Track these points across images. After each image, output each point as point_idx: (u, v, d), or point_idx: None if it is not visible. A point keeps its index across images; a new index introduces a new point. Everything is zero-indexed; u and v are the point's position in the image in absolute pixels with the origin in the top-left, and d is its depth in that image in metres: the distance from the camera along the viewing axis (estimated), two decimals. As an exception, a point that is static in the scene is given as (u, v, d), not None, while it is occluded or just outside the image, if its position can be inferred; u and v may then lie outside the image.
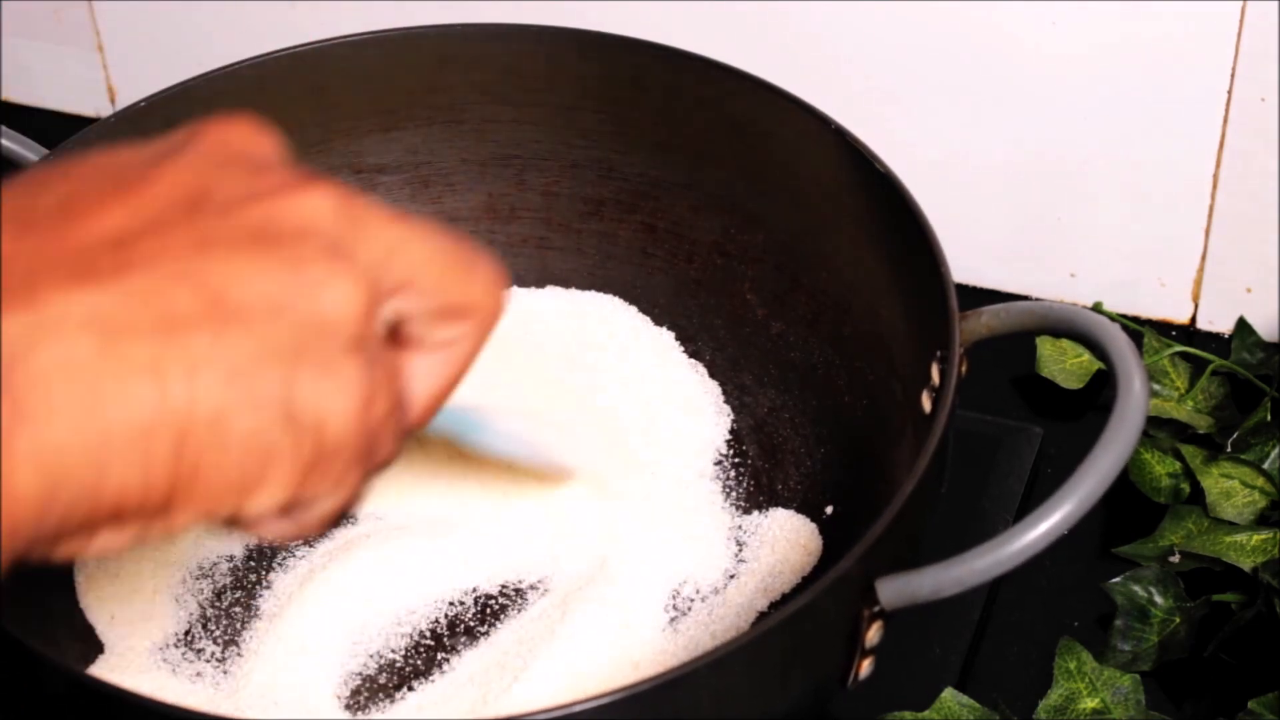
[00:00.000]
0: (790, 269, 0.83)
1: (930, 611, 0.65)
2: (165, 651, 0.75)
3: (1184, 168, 0.88)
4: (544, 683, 0.71)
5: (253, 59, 0.83)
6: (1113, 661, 0.77)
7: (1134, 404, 0.63)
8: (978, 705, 0.74)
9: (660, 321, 0.86)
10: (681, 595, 0.76)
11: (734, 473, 0.81)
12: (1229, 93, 0.85)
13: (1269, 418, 0.82)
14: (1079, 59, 0.87)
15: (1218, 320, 0.92)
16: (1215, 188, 0.88)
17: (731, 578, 0.76)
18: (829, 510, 0.78)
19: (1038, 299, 0.94)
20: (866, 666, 0.65)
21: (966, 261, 0.93)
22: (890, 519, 0.63)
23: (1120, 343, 0.65)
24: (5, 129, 0.80)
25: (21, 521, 0.40)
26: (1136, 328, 0.90)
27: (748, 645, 0.60)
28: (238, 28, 1.00)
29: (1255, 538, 0.78)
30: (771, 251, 0.83)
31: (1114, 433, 0.62)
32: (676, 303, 0.86)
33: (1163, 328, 0.93)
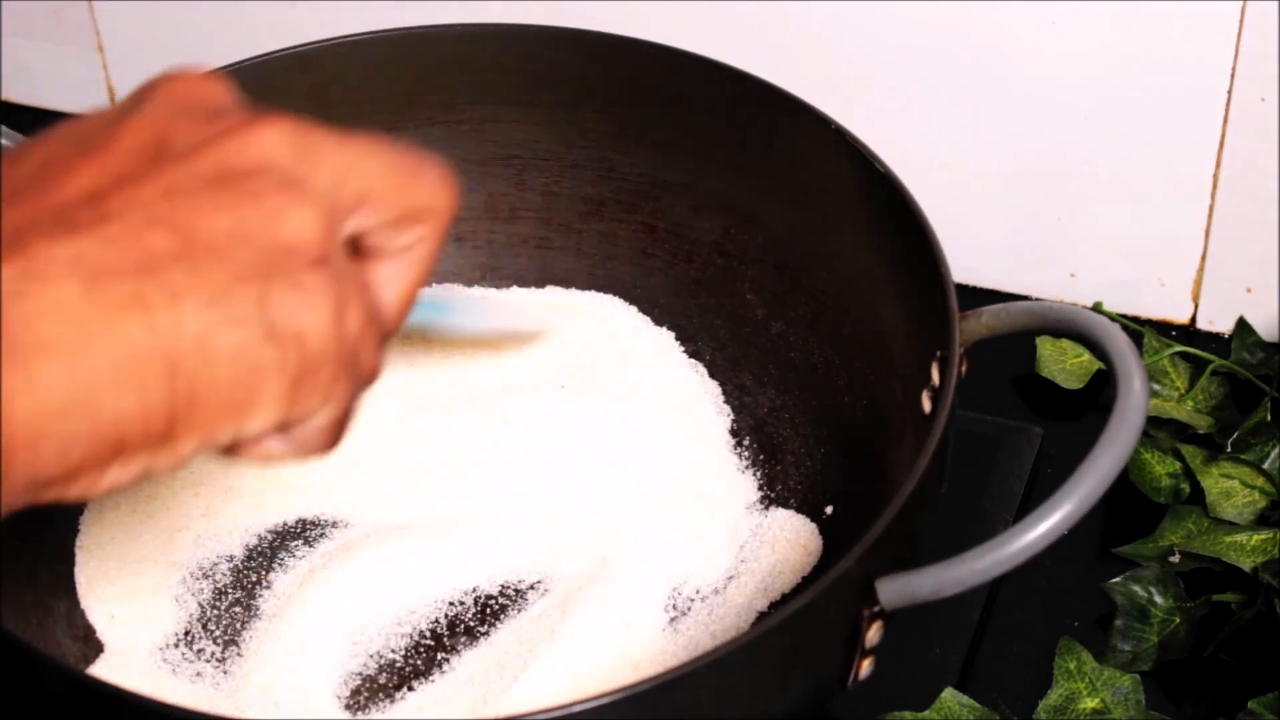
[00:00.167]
0: (790, 269, 0.83)
1: (930, 611, 0.65)
2: (165, 651, 0.75)
3: (1184, 168, 0.88)
4: (544, 683, 0.71)
5: (253, 59, 0.83)
6: (1113, 661, 0.77)
7: (1134, 404, 0.63)
8: (978, 705, 0.74)
9: (660, 321, 0.86)
10: (681, 595, 0.76)
11: (734, 473, 0.81)
12: (1229, 93, 0.85)
13: (1269, 418, 0.82)
14: (1079, 59, 0.87)
15: (1218, 320, 0.92)
16: (1215, 188, 0.88)
17: (731, 578, 0.76)
18: (829, 510, 0.78)
19: (1038, 299, 0.94)
20: (866, 666, 0.65)
21: (966, 261, 0.93)
22: (890, 519, 0.63)
23: (1120, 343, 0.65)
24: (5, 129, 0.80)
25: (19, 457, 0.43)
26: (1136, 328, 0.90)
27: (748, 645, 0.60)
28: (238, 28, 1.00)
29: (1255, 538, 0.78)
30: (771, 251, 0.83)
31: (1114, 433, 0.62)
32: (676, 303, 0.86)
33: (1163, 328, 0.93)
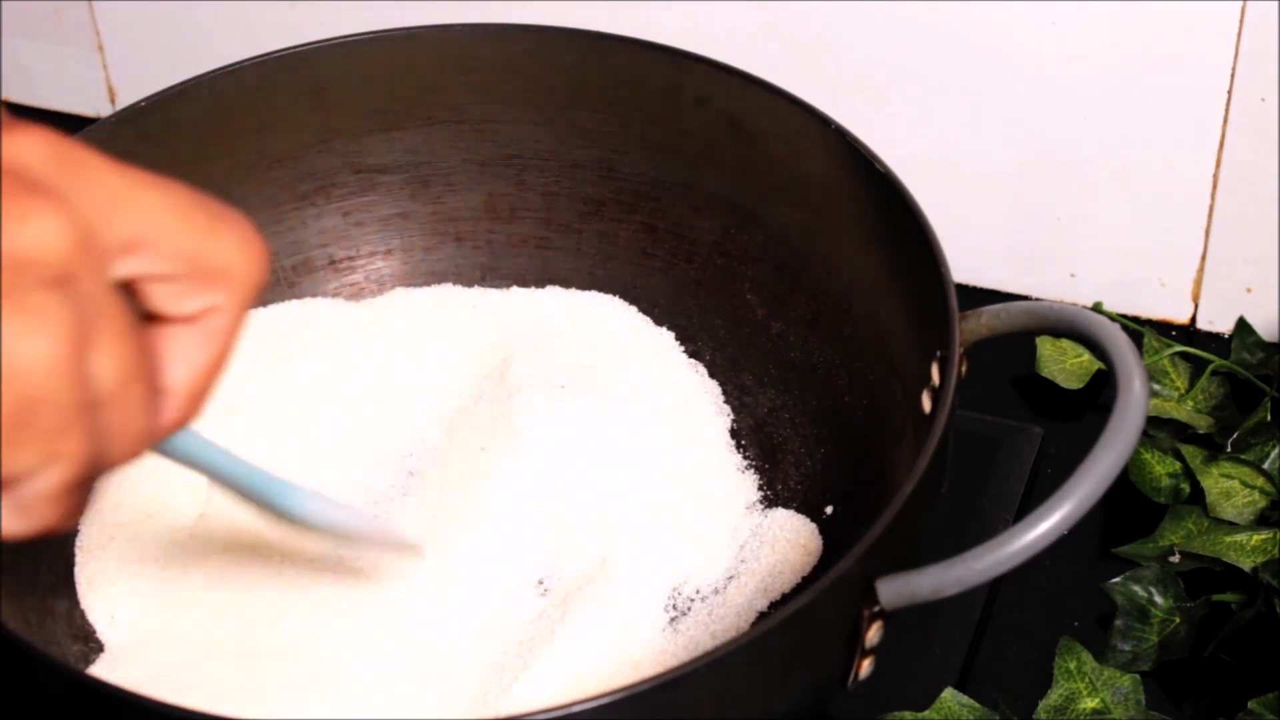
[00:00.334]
0: (790, 269, 0.82)
1: (930, 611, 0.65)
2: (165, 651, 0.75)
3: (1184, 168, 0.88)
4: (544, 683, 0.71)
5: (253, 59, 0.83)
6: (1113, 661, 0.77)
7: (1134, 404, 0.63)
8: (978, 705, 0.74)
9: (660, 321, 0.86)
10: (681, 595, 0.76)
11: (734, 473, 0.81)
12: (1229, 93, 0.85)
13: (1269, 418, 0.82)
14: (1079, 59, 0.87)
15: (1218, 320, 0.92)
16: (1215, 188, 0.88)
17: (731, 578, 0.76)
18: (829, 510, 0.78)
19: (1038, 299, 0.94)
20: (866, 666, 0.65)
21: (966, 261, 0.93)
22: (890, 519, 0.63)
23: (1120, 343, 0.65)
24: (5, 129, 0.80)
25: None
26: (1136, 328, 0.90)
27: (748, 645, 0.60)
28: (238, 28, 1.00)
29: (1255, 538, 0.78)
30: (771, 251, 0.83)
31: (1114, 433, 0.62)
32: (676, 303, 0.86)
33: (1163, 328, 0.93)
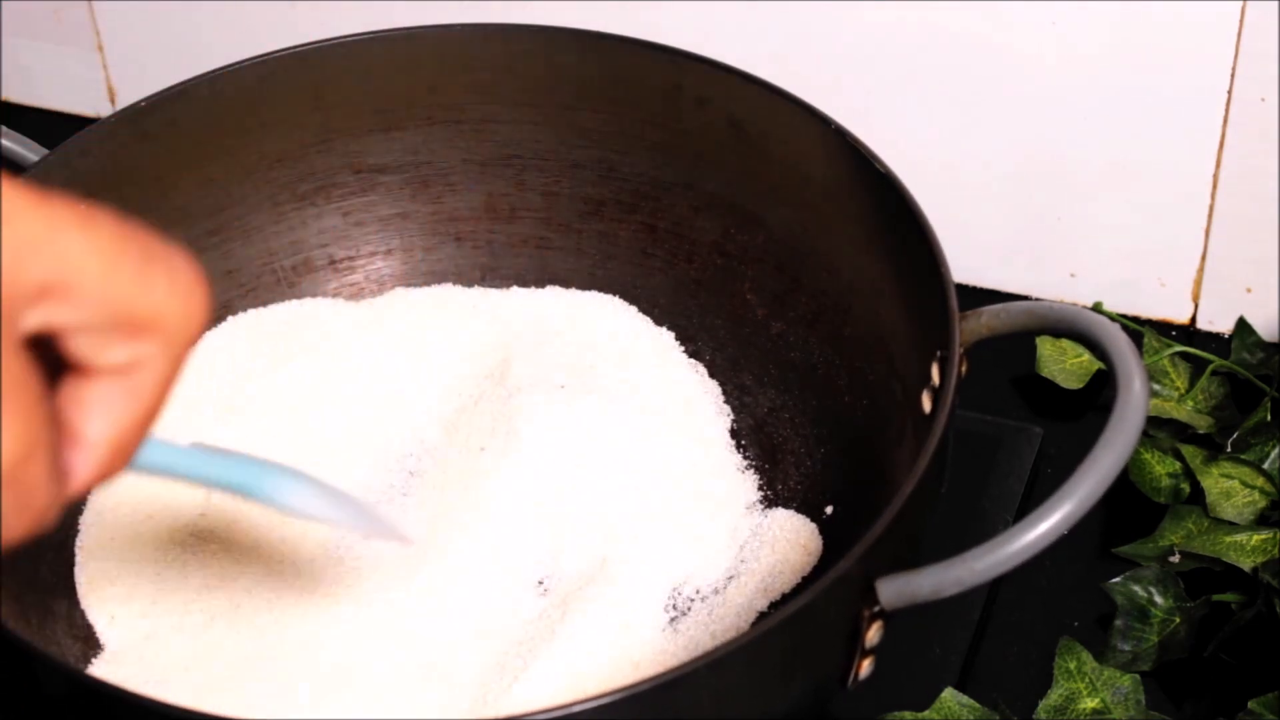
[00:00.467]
0: (790, 269, 0.82)
1: (930, 611, 0.65)
2: (165, 651, 0.75)
3: (1184, 168, 0.88)
4: (544, 683, 0.71)
5: (253, 59, 0.83)
6: (1113, 661, 0.77)
7: (1134, 404, 0.63)
8: (978, 705, 0.74)
9: (660, 321, 0.86)
10: (681, 595, 0.76)
11: (734, 473, 0.81)
12: (1229, 93, 0.85)
13: (1269, 418, 0.82)
14: (1079, 59, 0.87)
15: (1218, 320, 0.92)
16: (1215, 188, 0.88)
17: (731, 578, 0.76)
18: (829, 510, 0.78)
19: (1038, 299, 0.94)
20: (866, 666, 0.65)
21: (966, 261, 0.93)
22: (890, 519, 0.63)
23: (1120, 343, 0.65)
24: (5, 129, 0.80)
25: None
26: (1136, 328, 0.90)
27: (748, 645, 0.60)
28: (238, 28, 1.00)
29: (1255, 538, 0.78)
30: (771, 251, 0.83)
31: (1114, 433, 0.62)
32: (676, 303, 0.86)
33: (1163, 328, 0.93)
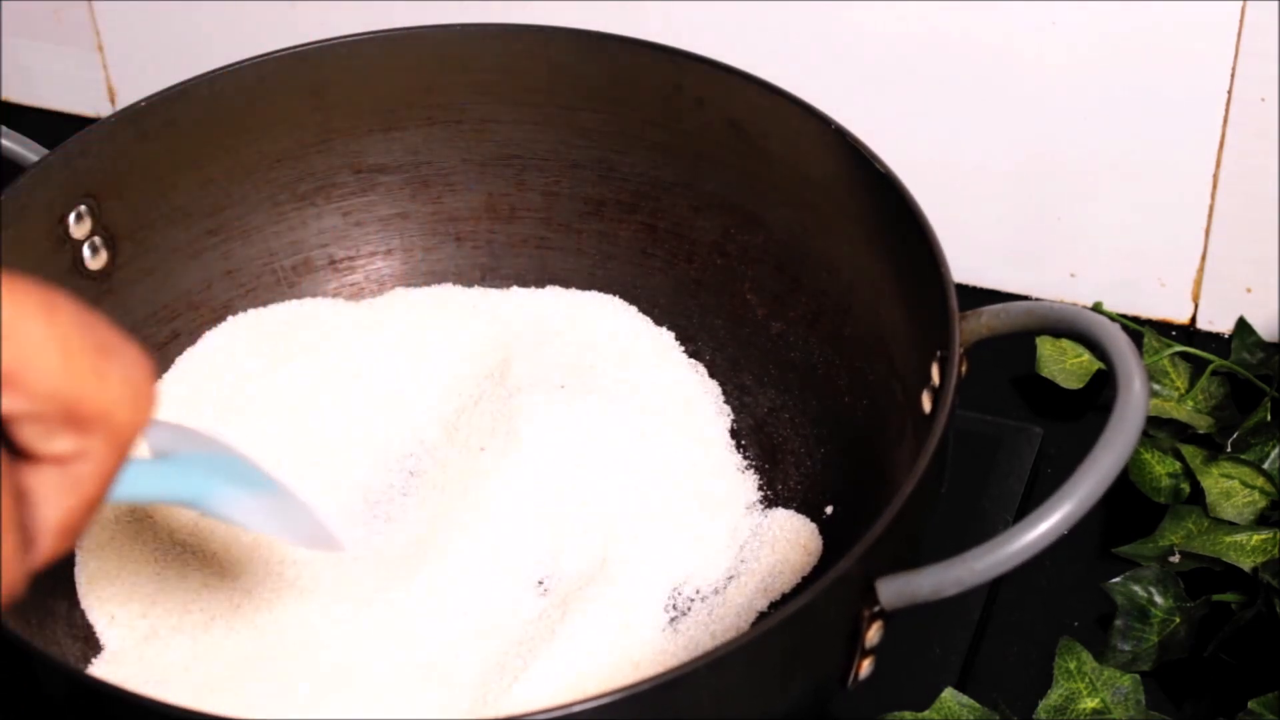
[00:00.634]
0: (790, 269, 0.82)
1: (930, 611, 0.65)
2: (165, 652, 0.75)
3: (1184, 168, 0.88)
4: (544, 683, 0.71)
5: (253, 59, 0.83)
6: (1113, 661, 0.77)
7: (1134, 404, 0.63)
8: (978, 705, 0.74)
9: (660, 321, 0.86)
10: (681, 595, 0.76)
11: (734, 473, 0.81)
12: (1229, 93, 0.85)
13: (1269, 418, 0.82)
14: (1079, 59, 0.87)
15: (1218, 320, 0.92)
16: (1215, 188, 0.88)
17: (731, 578, 0.76)
18: (829, 510, 0.78)
19: (1038, 299, 0.94)
20: (866, 666, 0.65)
21: (966, 261, 0.93)
22: (890, 519, 0.63)
23: (1120, 343, 0.65)
24: (5, 129, 0.80)
25: None
26: (1136, 328, 0.90)
27: (748, 645, 0.60)
28: (238, 28, 1.00)
29: (1255, 538, 0.78)
30: (771, 251, 0.83)
31: (1114, 433, 0.62)
32: (676, 303, 0.86)
33: (1163, 328, 0.93)
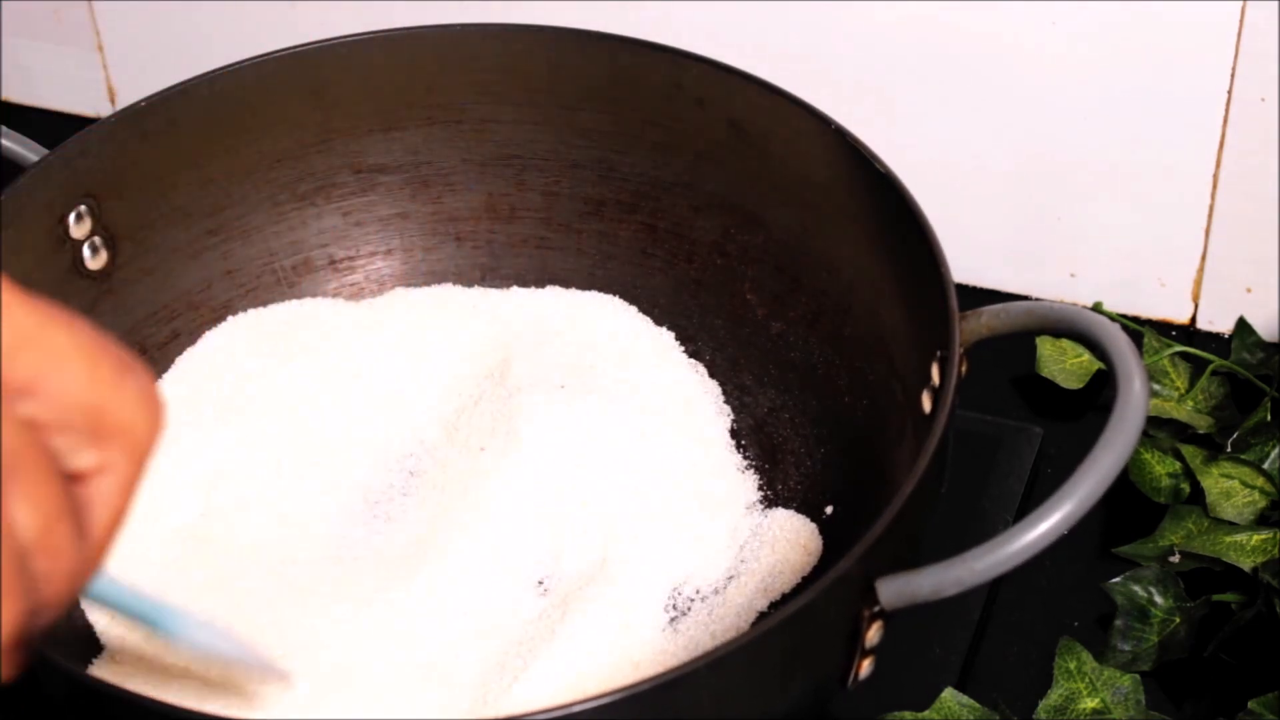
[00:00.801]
0: (790, 269, 0.82)
1: (930, 611, 0.65)
2: (165, 651, 0.75)
3: (1184, 168, 0.88)
4: (544, 683, 0.71)
5: (253, 59, 0.83)
6: (1113, 661, 0.77)
7: (1134, 404, 0.63)
8: (978, 705, 0.74)
9: (660, 321, 0.86)
10: (681, 595, 0.76)
11: (734, 473, 0.81)
12: (1229, 93, 0.85)
13: (1269, 418, 0.82)
14: (1079, 59, 0.87)
15: (1218, 320, 0.92)
16: (1215, 188, 0.88)
17: (731, 578, 0.76)
18: (829, 510, 0.78)
19: (1038, 299, 0.94)
20: (866, 666, 0.65)
21: (966, 261, 0.93)
22: (890, 519, 0.63)
23: (1120, 343, 0.65)
24: (5, 129, 0.80)
25: None
26: (1136, 328, 0.90)
27: (748, 645, 0.60)
28: (238, 28, 1.00)
29: (1255, 538, 0.78)
30: (771, 251, 0.83)
31: (1114, 433, 0.62)
32: (676, 303, 0.86)
33: (1163, 328, 0.93)
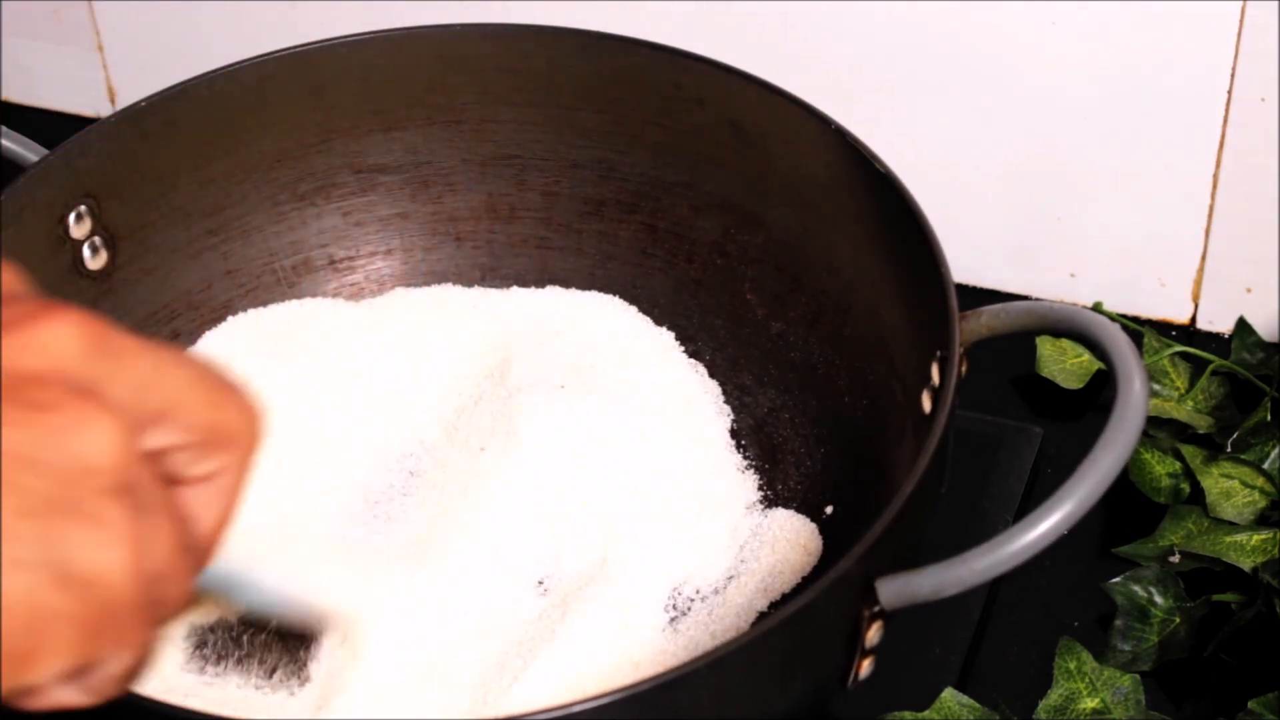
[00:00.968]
0: (790, 269, 0.82)
1: (930, 611, 0.65)
2: (164, 651, 0.75)
3: (1184, 168, 0.88)
4: (544, 683, 0.71)
5: (253, 59, 0.83)
6: (1113, 661, 0.77)
7: (1134, 404, 0.63)
8: (978, 705, 0.74)
9: (660, 321, 0.86)
10: (681, 595, 0.76)
11: (734, 473, 0.81)
12: (1229, 93, 0.85)
13: (1269, 418, 0.82)
14: (1079, 59, 0.87)
15: (1218, 320, 0.92)
16: (1215, 188, 0.88)
17: (731, 578, 0.76)
18: (829, 510, 0.78)
19: (1038, 299, 0.94)
20: (866, 666, 0.65)
21: (966, 261, 0.93)
22: (890, 519, 0.63)
23: (1120, 343, 0.65)
24: (5, 129, 0.80)
25: None
26: (1136, 328, 0.90)
27: (748, 645, 0.60)
28: (238, 28, 1.00)
29: (1255, 538, 0.78)
30: (771, 251, 0.83)
31: (1114, 433, 0.62)
32: (676, 303, 0.86)
33: (1163, 328, 0.93)
